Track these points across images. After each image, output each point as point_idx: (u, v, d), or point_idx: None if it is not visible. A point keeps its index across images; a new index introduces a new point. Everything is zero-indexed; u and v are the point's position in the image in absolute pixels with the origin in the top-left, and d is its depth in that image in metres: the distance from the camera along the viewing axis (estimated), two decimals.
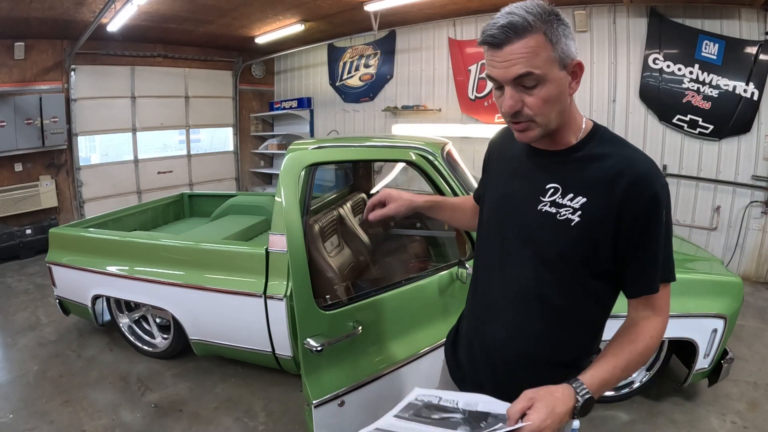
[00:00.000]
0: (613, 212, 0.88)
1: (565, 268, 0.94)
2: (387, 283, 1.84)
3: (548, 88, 0.86)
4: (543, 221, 0.94)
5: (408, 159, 2.13)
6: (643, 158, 0.91)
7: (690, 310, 2.21)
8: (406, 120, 6.35)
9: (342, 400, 1.61)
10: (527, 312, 0.99)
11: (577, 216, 0.90)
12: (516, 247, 0.99)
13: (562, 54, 0.86)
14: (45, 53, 5.48)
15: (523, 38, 0.83)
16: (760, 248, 4.41)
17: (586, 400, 0.84)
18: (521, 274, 0.98)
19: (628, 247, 0.89)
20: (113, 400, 2.64)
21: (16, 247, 5.19)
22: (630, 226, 0.87)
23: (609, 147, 0.93)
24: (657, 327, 0.93)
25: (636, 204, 0.86)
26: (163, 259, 2.76)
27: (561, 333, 0.98)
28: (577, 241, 0.91)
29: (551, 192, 0.94)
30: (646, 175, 0.87)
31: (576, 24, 4.89)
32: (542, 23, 0.84)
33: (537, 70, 0.84)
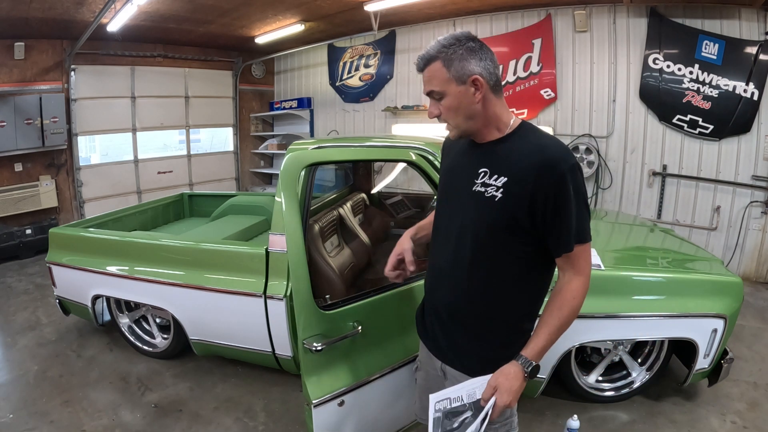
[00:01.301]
0: (528, 190, 1.08)
1: (494, 237, 1.15)
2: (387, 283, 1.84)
3: (449, 100, 1.14)
4: (475, 199, 1.16)
5: (408, 159, 2.13)
6: (553, 144, 1.12)
7: (690, 310, 2.21)
8: (406, 120, 6.35)
9: (342, 400, 1.61)
10: (467, 277, 1.20)
11: (499, 193, 1.12)
12: (457, 223, 1.22)
13: (456, 74, 1.11)
14: (45, 53, 5.48)
15: (428, 65, 1.14)
16: (760, 248, 4.41)
17: (532, 369, 1.12)
18: (460, 244, 1.20)
19: (545, 218, 1.10)
20: (113, 400, 2.64)
21: (16, 247, 5.19)
22: (543, 201, 1.08)
23: (529, 138, 1.15)
24: (578, 287, 1.14)
25: (545, 183, 1.07)
26: (163, 259, 2.76)
27: (497, 294, 1.19)
28: (500, 214, 1.12)
29: (482, 175, 1.16)
30: (553, 159, 1.08)
31: (576, 24, 4.90)
32: (441, 52, 1.12)
33: (436, 88, 1.14)
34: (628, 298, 2.22)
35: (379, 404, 1.77)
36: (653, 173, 4.77)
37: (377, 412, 1.77)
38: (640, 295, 2.25)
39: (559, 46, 5.06)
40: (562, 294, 1.14)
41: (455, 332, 1.27)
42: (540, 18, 5.10)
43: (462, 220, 1.20)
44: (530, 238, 1.13)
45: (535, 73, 5.19)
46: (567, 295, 1.13)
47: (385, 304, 1.76)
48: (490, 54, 1.14)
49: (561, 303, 1.13)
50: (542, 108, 5.25)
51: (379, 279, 2.86)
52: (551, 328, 1.13)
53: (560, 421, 2.34)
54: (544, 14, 5.08)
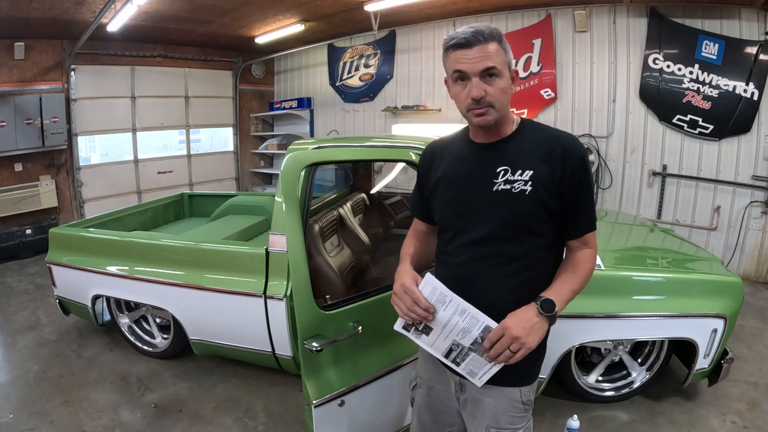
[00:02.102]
0: (556, 177, 1.13)
1: (528, 230, 1.17)
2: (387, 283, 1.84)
3: (503, 82, 1.12)
4: (500, 197, 1.16)
5: (408, 159, 2.13)
6: (566, 135, 1.20)
7: (690, 310, 2.20)
8: (406, 120, 6.35)
9: (342, 400, 1.61)
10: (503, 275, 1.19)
11: (528, 186, 1.14)
12: (480, 226, 1.19)
13: (509, 61, 1.15)
14: (45, 53, 5.48)
15: (489, 42, 1.10)
16: (760, 248, 4.41)
17: (543, 301, 1.11)
18: (489, 247, 1.19)
19: (572, 202, 1.16)
20: (113, 400, 2.64)
21: (16, 247, 5.19)
22: (569, 185, 1.14)
23: (538, 131, 1.21)
24: (592, 256, 1.22)
25: (570, 168, 1.14)
26: (163, 259, 2.76)
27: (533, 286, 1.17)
28: (534, 205, 1.14)
29: (502, 173, 1.16)
30: (572, 146, 1.16)
31: (576, 24, 4.90)
32: (497, 37, 1.13)
33: (498, 66, 1.11)
34: (628, 298, 2.22)
35: (380, 404, 1.77)
36: (653, 173, 4.77)
37: (377, 413, 1.78)
38: (640, 295, 2.25)
39: (559, 46, 5.06)
40: (577, 257, 1.20)
41: None
42: (540, 18, 5.10)
43: (487, 222, 1.18)
44: (555, 224, 1.18)
45: (535, 73, 5.19)
46: (582, 259, 1.20)
47: (385, 304, 1.75)
48: None
49: (577, 263, 1.20)
50: (542, 108, 5.25)
51: (379, 279, 2.86)
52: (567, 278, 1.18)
53: (560, 421, 2.34)
54: (544, 14, 5.08)
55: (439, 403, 1.36)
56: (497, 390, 1.22)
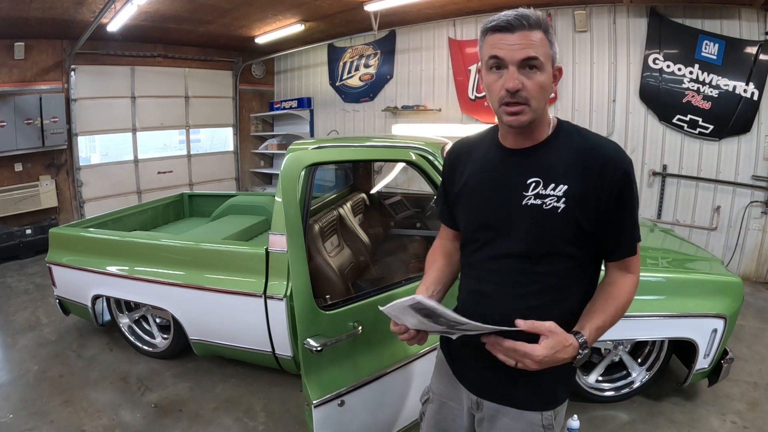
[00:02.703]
0: (592, 193, 0.99)
1: (557, 250, 1.03)
2: (387, 283, 1.84)
3: (544, 77, 0.98)
4: (530, 214, 1.02)
5: (408, 159, 2.13)
6: (607, 142, 1.04)
7: (690, 310, 2.20)
8: (406, 120, 6.35)
9: (342, 400, 1.61)
10: (525, 295, 1.07)
11: (562, 203, 1.00)
12: (505, 242, 1.07)
13: (554, 55, 1.00)
14: (45, 53, 5.48)
15: (533, 30, 0.96)
16: (760, 248, 4.41)
17: (584, 355, 0.99)
18: (513, 263, 1.07)
19: (609, 220, 1.02)
20: (113, 400, 2.64)
21: (16, 247, 5.19)
22: (607, 201, 1.00)
23: (575, 137, 1.05)
24: (633, 283, 1.09)
25: (611, 182, 0.99)
26: (163, 259, 2.76)
27: (555, 308, 1.06)
28: (566, 225, 1.01)
29: (533, 186, 1.02)
30: (614, 156, 1.00)
31: (576, 24, 4.90)
32: (544, 26, 0.98)
33: (541, 57, 0.96)
34: None
35: (380, 404, 1.77)
36: (653, 173, 4.77)
37: (377, 413, 1.77)
38: (640, 295, 2.21)
39: (559, 46, 5.05)
40: (618, 286, 1.07)
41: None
42: None
43: (514, 238, 1.05)
44: (590, 245, 1.04)
45: None
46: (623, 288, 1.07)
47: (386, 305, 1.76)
48: None
49: (618, 294, 1.06)
50: None
51: (379, 279, 2.86)
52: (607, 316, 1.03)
53: None
54: (544, 14, 5.08)
55: (449, 421, 1.27)
56: (517, 411, 1.11)
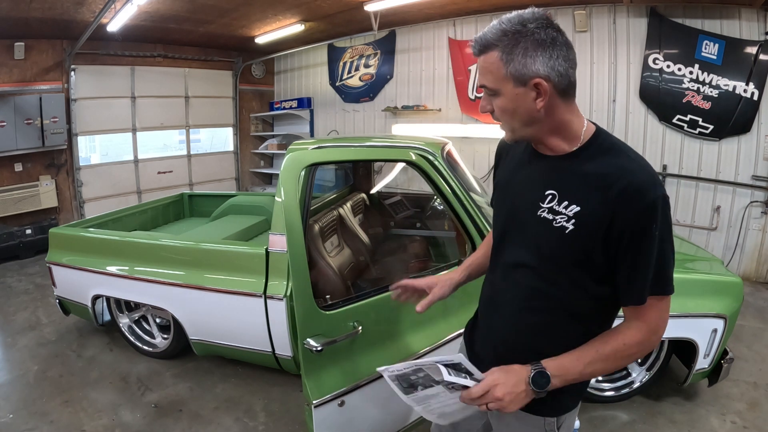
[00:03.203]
0: (604, 222, 0.89)
1: (560, 271, 0.98)
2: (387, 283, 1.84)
3: (503, 101, 0.93)
4: (541, 227, 0.98)
5: (408, 159, 2.13)
6: (639, 169, 0.90)
7: (690, 310, 2.20)
8: (406, 120, 6.35)
9: (342, 400, 1.61)
10: (524, 308, 1.05)
11: (570, 224, 0.93)
12: (515, 251, 1.06)
13: (516, 72, 0.89)
14: (45, 53, 5.48)
15: (485, 54, 0.92)
16: (760, 248, 4.41)
17: (536, 373, 0.93)
18: (518, 275, 1.05)
19: (618, 257, 0.91)
20: (113, 400, 2.64)
21: (16, 247, 5.19)
22: (619, 237, 0.89)
23: (608, 156, 0.94)
24: (634, 336, 0.94)
25: (626, 215, 0.88)
26: (163, 259, 2.76)
27: (558, 335, 1.01)
28: (570, 248, 0.94)
29: (549, 198, 0.97)
30: (639, 187, 0.87)
31: (576, 24, 4.89)
32: (500, 40, 0.89)
33: (489, 84, 0.93)
34: None
35: (380, 405, 1.77)
36: None
37: (377, 413, 1.77)
38: None
39: None
40: (615, 332, 0.97)
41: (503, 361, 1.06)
42: None
43: (525, 248, 1.03)
44: (601, 276, 0.95)
45: None
46: (619, 338, 0.95)
47: (386, 304, 1.76)
48: (565, 50, 0.90)
49: (609, 339, 0.96)
50: None
51: (379, 279, 2.86)
52: (584, 355, 0.95)
53: None
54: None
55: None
56: (521, 412, 1.05)
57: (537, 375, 0.93)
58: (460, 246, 2.53)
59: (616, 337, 0.95)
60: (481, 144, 5.57)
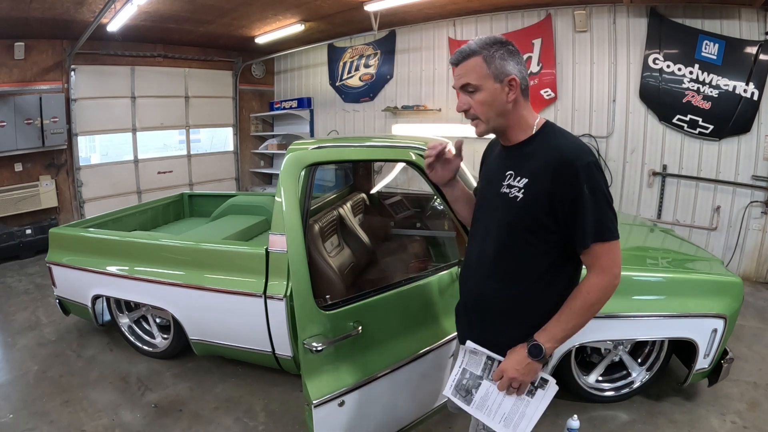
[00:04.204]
0: (546, 191, 1.14)
1: (516, 236, 1.21)
2: (387, 283, 1.84)
3: (483, 95, 1.19)
4: (501, 199, 1.23)
5: (408, 159, 2.13)
6: (570, 145, 1.17)
7: (690, 310, 2.21)
8: (406, 120, 6.35)
9: (342, 400, 1.61)
10: (491, 274, 1.28)
11: (521, 193, 1.18)
12: (485, 222, 1.31)
13: (496, 72, 1.17)
14: (45, 53, 5.48)
15: (468, 59, 1.19)
16: (760, 248, 4.41)
17: (532, 346, 1.18)
18: (486, 242, 1.29)
19: (565, 217, 1.14)
20: (113, 400, 2.64)
21: (16, 247, 5.19)
22: (560, 201, 1.13)
23: (550, 139, 1.20)
24: (595, 283, 1.16)
25: (561, 183, 1.12)
26: (163, 259, 2.76)
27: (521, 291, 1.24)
28: (521, 213, 1.18)
29: (508, 177, 1.23)
30: (568, 157, 1.13)
31: (576, 24, 4.90)
32: (484, 49, 1.17)
33: (473, 81, 1.18)
34: (628, 298, 2.22)
35: (380, 404, 1.77)
36: (653, 173, 4.77)
37: (378, 413, 1.77)
38: (640, 295, 2.25)
39: (559, 46, 5.06)
40: (579, 287, 1.19)
41: (484, 325, 1.32)
42: (540, 18, 5.10)
43: (489, 219, 1.28)
44: (554, 237, 1.18)
45: (535, 73, 5.19)
46: (582, 288, 1.17)
47: (386, 304, 1.76)
48: (523, 60, 1.23)
49: (576, 294, 1.18)
50: (542, 108, 5.24)
51: (379, 279, 2.86)
52: (562, 314, 1.18)
53: (560, 421, 2.33)
54: (544, 14, 5.08)
55: None
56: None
57: (531, 348, 1.18)
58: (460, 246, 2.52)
59: (580, 289, 1.18)
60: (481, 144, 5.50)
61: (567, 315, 1.17)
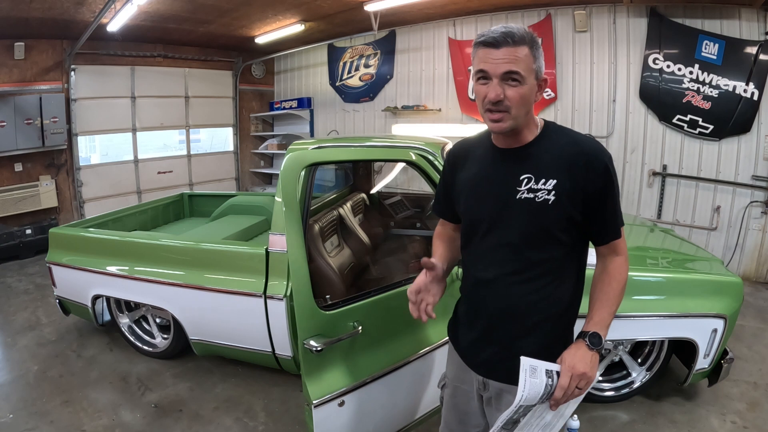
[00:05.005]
0: (579, 186, 1.11)
1: (550, 239, 1.16)
2: (387, 283, 1.84)
3: (524, 88, 1.09)
4: (524, 206, 1.15)
5: (408, 159, 2.13)
6: (588, 139, 1.18)
7: (690, 310, 2.21)
8: (406, 120, 6.35)
9: (342, 400, 1.61)
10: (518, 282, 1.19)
11: (552, 195, 1.12)
12: (501, 233, 1.20)
13: (538, 69, 1.11)
14: (45, 53, 5.48)
15: (518, 46, 1.07)
16: (760, 248, 4.41)
17: (590, 335, 1.12)
18: (510, 252, 1.19)
19: (596, 209, 1.14)
20: (113, 400, 2.64)
21: (16, 247, 5.19)
22: (593, 193, 1.12)
23: (560, 136, 1.18)
24: (621, 263, 1.20)
25: (593, 175, 1.12)
26: (163, 259, 2.76)
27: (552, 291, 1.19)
28: (557, 215, 1.13)
29: (525, 181, 1.15)
30: (595, 151, 1.13)
31: (576, 24, 4.90)
32: (531, 41, 1.09)
33: (522, 71, 1.08)
34: (628, 298, 2.21)
35: (380, 404, 1.77)
36: (653, 173, 4.77)
37: (377, 413, 1.77)
38: (640, 295, 2.25)
39: (559, 46, 5.06)
40: (608, 271, 1.19)
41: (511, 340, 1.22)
42: (540, 18, 5.10)
43: (510, 229, 1.18)
44: (577, 231, 1.17)
45: None
46: (614, 272, 1.18)
47: (386, 304, 1.76)
48: None
49: (609, 278, 1.18)
50: (542, 108, 5.24)
51: (379, 279, 2.86)
52: (599, 301, 1.17)
53: None
54: (544, 14, 5.08)
55: (463, 404, 1.37)
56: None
57: (591, 337, 1.12)
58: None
59: (616, 277, 1.18)
60: None
61: (608, 299, 1.16)
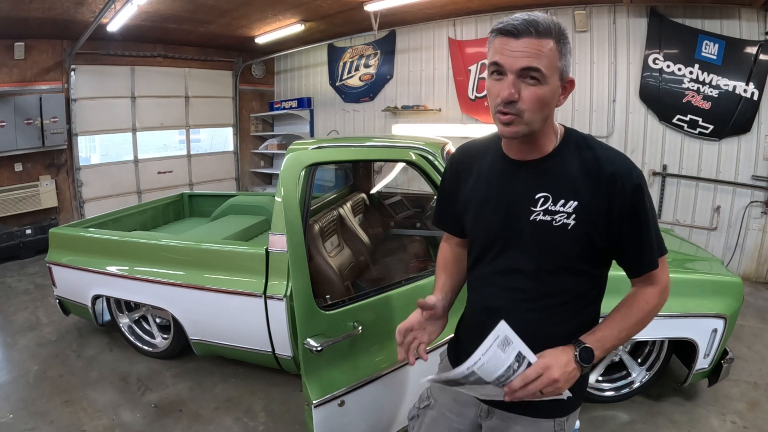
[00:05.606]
0: (603, 209, 0.96)
1: (567, 266, 1.01)
2: (387, 283, 1.84)
3: (544, 89, 0.91)
4: (540, 230, 0.99)
5: (408, 159, 2.13)
6: (615, 154, 0.99)
7: (690, 310, 2.20)
8: (406, 120, 6.35)
9: (342, 400, 1.61)
10: (534, 308, 1.04)
11: (572, 220, 0.97)
12: (513, 257, 1.05)
13: (564, 67, 0.94)
14: (45, 53, 5.48)
15: (541, 38, 0.90)
16: (760, 248, 4.41)
17: (582, 348, 0.96)
18: (516, 280, 1.05)
19: (623, 236, 0.98)
20: (113, 400, 2.64)
21: (16, 247, 5.19)
22: (620, 218, 0.96)
23: (583, 149, 1.00)
24: (654, 299, 1.02)
25: (621, 197, 0.95)
26: (163, 259, 2.76)
27: (568, 321, 1.05)
28: (576, 242, 0.98)
29: (542, 201, 0.99)
30: (623, 170, 0.96)
31: (576, 24, 4.89)
32: (558, 35, 0.92)
33: (544, 68, 0.90)
34: None
35: (380, 404, 1.77)
36: (653, 173, 4.77)
37: (377, 413, 1.77)
38: None
39: None
40: (635, 297, 1.03)
41: None
42: None
43: (523, 254, 1.03)
44: (602, 260, 1.03)
45: None
46: (640, 299, 1.02)
47: (386, 304, 1.76)
48: None
49: (632, 303, 1.03)
50: None
51: (379, 279, 2.86)
52: (612, 321, 1.02)
53: None
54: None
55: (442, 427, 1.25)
56: (531, 420, 1.08)
57: (582, 351, 0.96)
58: None
59: (640, 305, 1.02)
60: None
61: (622, 321, 1.01)
